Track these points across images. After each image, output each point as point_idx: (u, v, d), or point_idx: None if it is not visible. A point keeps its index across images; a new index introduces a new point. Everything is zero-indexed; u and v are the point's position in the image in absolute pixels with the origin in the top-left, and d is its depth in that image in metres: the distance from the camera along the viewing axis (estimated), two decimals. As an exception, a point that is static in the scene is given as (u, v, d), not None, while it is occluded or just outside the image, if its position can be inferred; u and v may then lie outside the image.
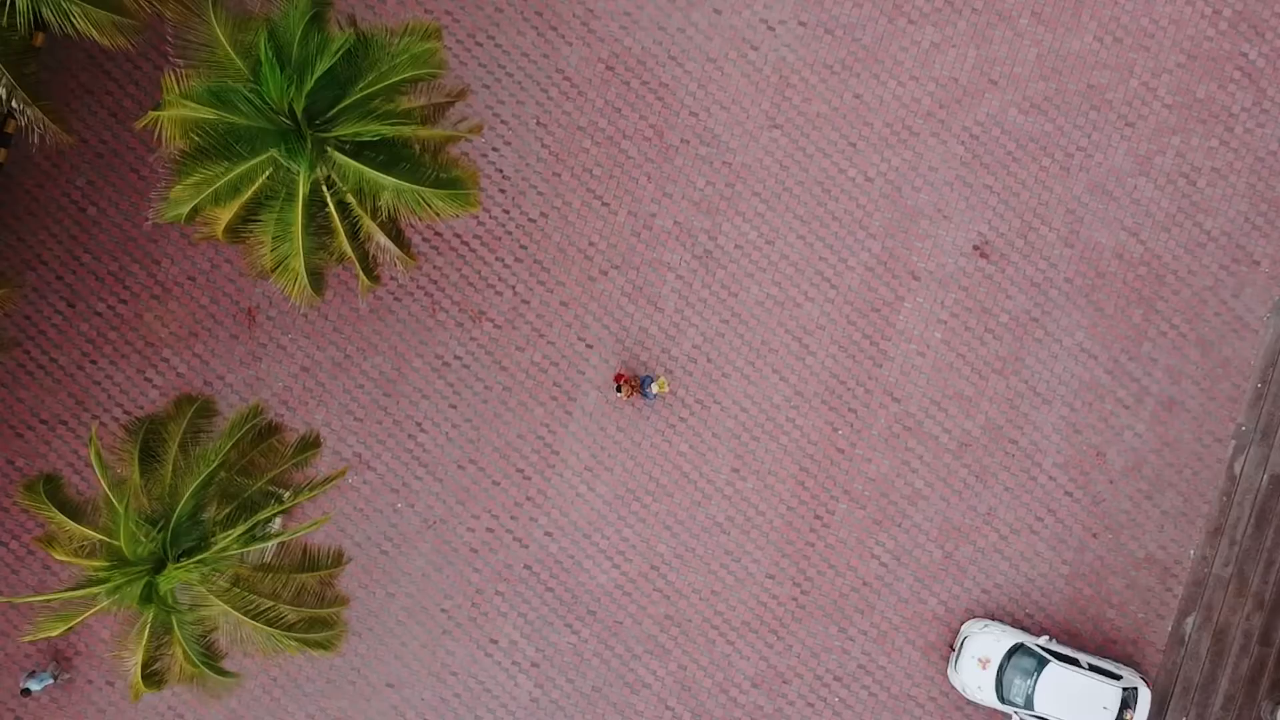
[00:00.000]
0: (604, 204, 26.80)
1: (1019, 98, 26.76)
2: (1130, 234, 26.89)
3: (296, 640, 20.53)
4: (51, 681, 26.15)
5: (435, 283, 26.76)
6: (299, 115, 19.78)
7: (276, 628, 20.26)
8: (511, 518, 26.96)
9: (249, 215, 21.07)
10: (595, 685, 27.15)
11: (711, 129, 26.72)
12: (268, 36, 19.79)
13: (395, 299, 26.70)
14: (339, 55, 20.04)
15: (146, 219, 26.33)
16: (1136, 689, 26.17)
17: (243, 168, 20.28)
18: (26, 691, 25.82)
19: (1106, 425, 27.09)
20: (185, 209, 20.77)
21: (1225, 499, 27.19)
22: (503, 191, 26.68)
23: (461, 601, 26.97)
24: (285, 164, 20.01)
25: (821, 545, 27.18)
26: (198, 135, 20.28)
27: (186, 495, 20.28)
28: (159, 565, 19.85)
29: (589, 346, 26.88)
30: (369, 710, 26.97)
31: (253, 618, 20.13)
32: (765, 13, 26.57)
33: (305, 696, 26.79)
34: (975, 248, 26.93)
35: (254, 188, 20.50)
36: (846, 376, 27.03)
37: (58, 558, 20.62)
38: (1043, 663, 25.86)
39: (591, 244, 26.85)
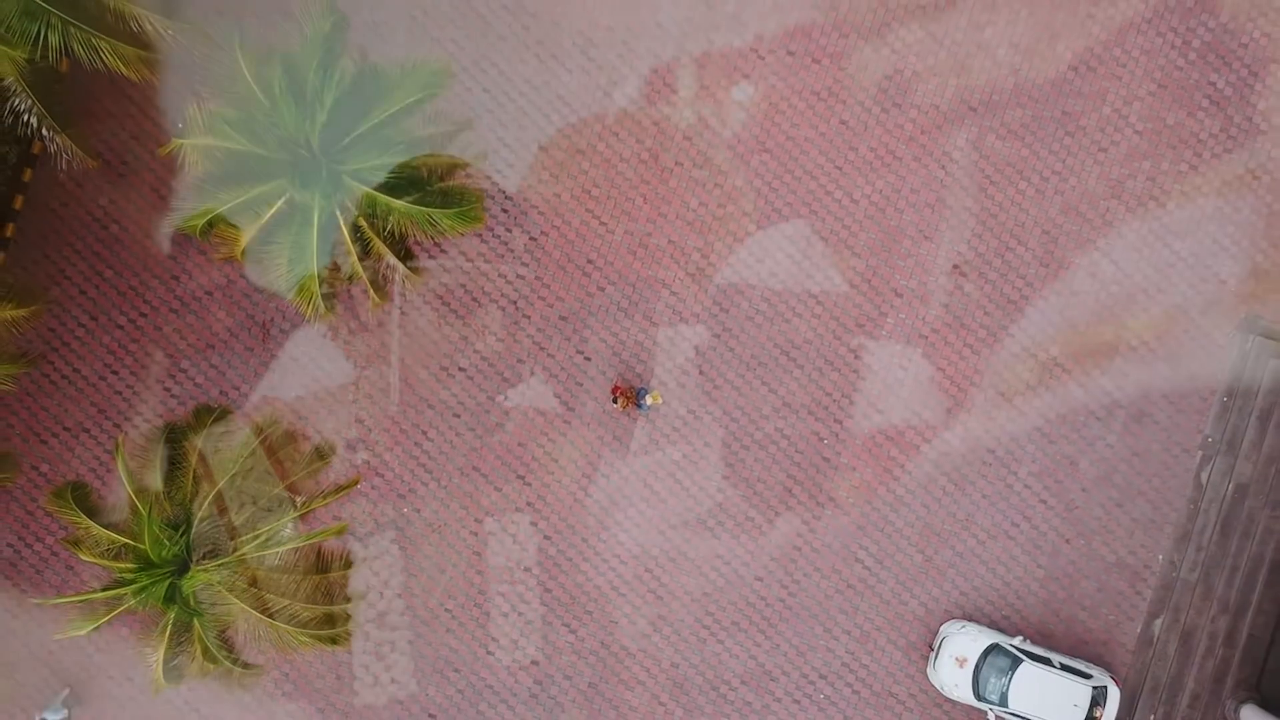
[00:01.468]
0: (601, 223, 27.06)
1: (997, 124, 27.01)
2: (1102, 254, 27.15)
3: (310, 636, 20.94)
4: (65, 713, 26.41)
5: (440, 298, 27.03)
6: (314, 146, 20.27)
7: (292, 625, 20.69)
8: (513, 522, 27.34)
9: (266, 238, 21.49)
10: (591, 682, 27.42)
11: (704, 152, 26.99)
12: (284, 72, 20.21)
13: (402, 313, 26.89)
14: (345, 87, 20.36)
15: (166, 232, 26.54)
16: (1106, 688, 26.36)
17: (259, 190, 20.76)
18: None
19: (1079, 436, 27.34)
20: (202, 221, 21.23)
21: (1192, 507, 27.23)
22: (505, 211, 26.85)
23: (464, 602, 27.35)
24: (300, 194, 20.52)
25: (807, 549, 27.48)
26: (219, 161, 20.74)
27: (207, 501, 20.68)
28: (182, 568, 20.29)
29: (587, 359, 27.14)
30: (376, 705, 27.25)
31: (269, 616, 20.54)
32: (755, 42, 26.82)
33: (315, 692, 27.00)
34: (955, 267, 27.22)
35: (271, 211, 20.95)
36: (832, 389, 27.29)
37: (84, 559, 21.04)
38: (1017, 662, 26.12)
39: (590, 261, 27.09)
